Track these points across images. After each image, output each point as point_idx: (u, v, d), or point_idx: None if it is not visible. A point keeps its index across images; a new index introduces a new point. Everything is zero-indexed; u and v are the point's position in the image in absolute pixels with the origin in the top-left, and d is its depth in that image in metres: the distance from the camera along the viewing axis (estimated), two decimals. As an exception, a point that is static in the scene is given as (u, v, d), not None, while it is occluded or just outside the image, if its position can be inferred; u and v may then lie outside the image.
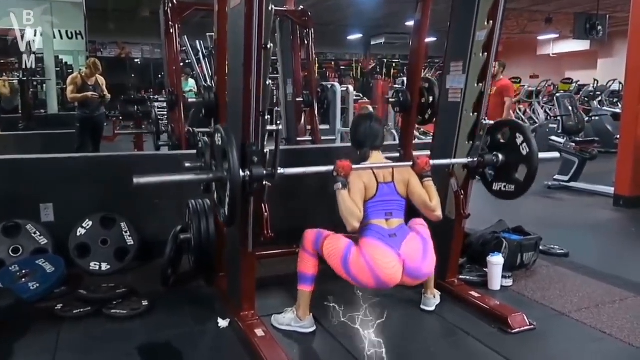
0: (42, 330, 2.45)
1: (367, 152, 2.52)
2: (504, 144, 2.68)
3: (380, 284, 2.33)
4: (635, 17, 5.13)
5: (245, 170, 2.10)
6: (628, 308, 2.78)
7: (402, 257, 2.32)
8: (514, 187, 2.65)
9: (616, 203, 5.22)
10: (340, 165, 2.32)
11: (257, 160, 2.14)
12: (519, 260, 3.22)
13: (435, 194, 2.48)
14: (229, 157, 2.00)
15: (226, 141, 2.04)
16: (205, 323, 2.54)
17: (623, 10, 12.04)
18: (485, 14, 2.61)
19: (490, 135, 2.72)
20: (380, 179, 2.42)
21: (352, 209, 2.28)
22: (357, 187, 2.35)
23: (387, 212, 2.39)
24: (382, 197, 2.40)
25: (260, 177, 2.13)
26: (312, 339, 2.44)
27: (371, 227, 2.37)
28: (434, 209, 2.46)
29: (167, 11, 4.45)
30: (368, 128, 2.54)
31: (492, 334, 2.49)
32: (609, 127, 8.46)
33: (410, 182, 2.47)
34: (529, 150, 2.55)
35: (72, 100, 6.16)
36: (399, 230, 2.38)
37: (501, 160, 2.66)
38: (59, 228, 3.20)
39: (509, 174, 2.66)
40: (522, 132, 2.60)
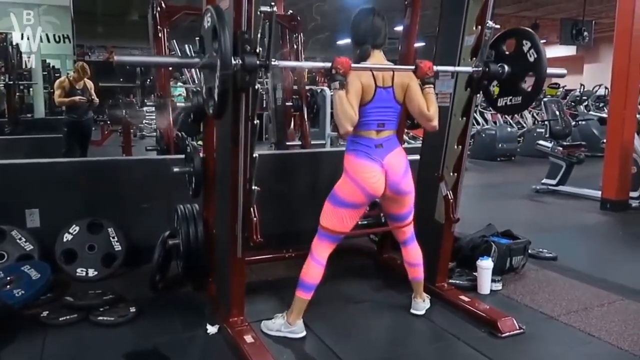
0: (27, 338, 2.41)
1: (367, 50, 2.38)
2: (509, 55, 2.54)
3: (369, 196, 2.39)
4: (620, 23, 5.19)
5: (237, 59, 1.93)
6: (616, 311, 2.80)
7: (384, 168, 2.36)
8: (520, 98, 2.53)
9: (603, 206, 5.28)
10: (339, 62, 2.18)
11: (249, 49, 1.97)
12: (508, 264, 3.23)
13: (434, 103, 2.40)
14: (220, 38, 1.83)
15: (217, 21, 1.87)
16: (194, 329, 2.52)
17: (608, 17, 12.23)
18: (474, 19, 2.63)
19: (494, 48, 2.57)
20: (379, 82, 2.32)
21: (347, 111, 2.22)
22: (355, 87, 2.25)
23: (380, 123, 2.36)
24: (379, 102, 2.32)
25: (253, 66, 1.96)
26: (303, 345, 2.43)
27: (359, 141, 2.37)
28: (431, 118, 2.38)
29: (155, 15, 4.42)
30: (370, 23, 2.39)
31: (482, 338, 2.49)
32: (595, 132, 8.56)
33: (410, 87, 2.38)
34: (536, 56, 2.41)
35: (59, 104, 6.11)
36: (386, 141, 2.38)
37: (507, 71, 2.51)
38: (45, 234, 3.16)
39: (515, 86, 2.53)
40: (529, 39, 2.45)
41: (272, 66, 2.03)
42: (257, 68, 1.99)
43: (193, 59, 2.10)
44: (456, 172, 2.80)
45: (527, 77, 2.51)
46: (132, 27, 14.34)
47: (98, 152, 6.77)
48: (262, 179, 2.24)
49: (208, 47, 1.99)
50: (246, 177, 2.21)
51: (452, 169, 2.81)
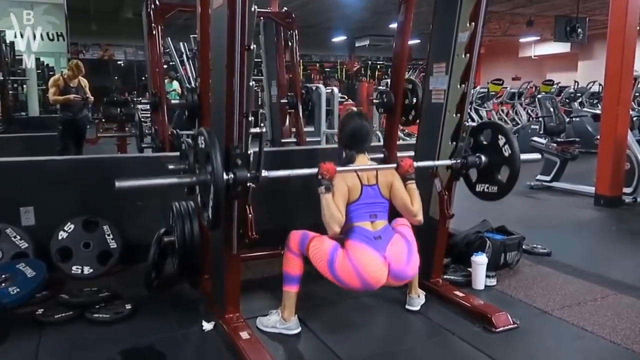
0: (22, 336, 2.41)
1: (353, 156, 2.52)
2: (487, 145, 2.71)
3: (366, 286, 2.34)
4: (613, 20, 5.21)
5: (229, 173, 2.09)
6: (609, 306, 2.81)
7: (387, 260, 2.33)
8: (496, 188, 2.68)
9: (597, 202, 5.30)
10: (325, 168, 2.31)
11: (240, 163, 2.13)
12: (502, 260, 3.25)
13: (417, 198, 2.50)
14: (212, 160, 1.98)
15: (209, 144, 2.03)
16: (189, 326, 2.52)
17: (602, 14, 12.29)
18: (467, 16, 2.63)
19: (472, 136, 2.74)
20: (364, 181, 2.43)
21: (334, 214, 2.29)
22: (341, 190, 2.35)
23: (372, 214, 2.41)
24: (367, 199, 2.41)
25: (244, 179, 2.12)
26: (298, 341, 2.44)
27: (356, 230, 2.37)
28: (415, 213, 2.48)
29: (149, 12, 4.40)
30: (357, 128, 2.53)
31: (477, 333, 2.50)
32: (589, 128, 8.58)
33: (393, 185, 2.49)
34: (510, 152, 2.58)
35: (54, 102, 6.08)
36: (383, 232, 2.39)
37: (484, 161, 2.70)
38: (40, 232, 3.15)
39: (491, 175, 2.69)
40: (503, 134, 2.63)
41: (262, 178, 2.15)
42: (248, 181, 2.13)
43: (191, 178, 2.23)
44: (450, 168, 2.80)
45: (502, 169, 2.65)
46: (126, 25, 14.28)
47: (93, 150, 6.73)
48: None
49: (202, 163, 2.12)
50: None
51: (446, 166, 2.80)
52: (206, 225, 2.19)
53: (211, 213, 2.05)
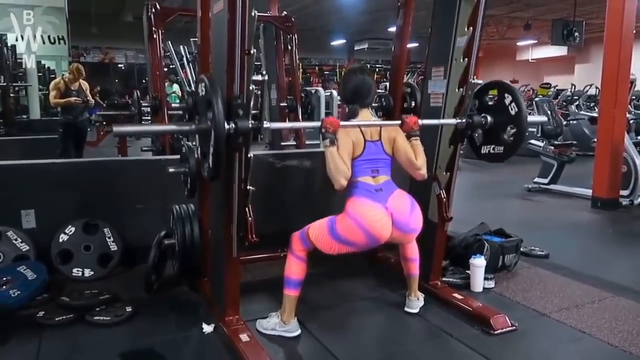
0: (23, 339, 2.41)
1: (356, 110, 2.51)
2: (492, 105, 2.64)
3: (372, 240, 2.34)
4: (610, 24, 5.23)
5: (230, 123, 2.01)
6: (606, 308, 2.82)
7: (389, 210, 2.34)
8: (502, 148, 2.61)
9: (594, 205, 5.31)
10: (328, 122, 2.29)
11: (242, 113, 2.05)
12: (500, 262, 3.25)
13: (421, 153, 2.48)
14: (214, 107, 1.91)
15: (211, 91, 1.95)
16: (189, 329, 2.52)
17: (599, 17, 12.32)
18: (465, 20, 2.64)
19: (478, 97, 2.67)
20: (367, 136, 2.43)
21: (340, 167, 2.28)
22: (345, 144, 2.35)
23: (374, 170, 2.42)
24: (369, 155, 2.41)
25: (245, 130, 2.03)
26: (297, 343, 2.43)
27: (358, 185, 2.39)
28: (419, 167, 2.46)
29: (150, 16, 4.42)
30: (359, 84, 2.51)
31: (475, 336, 2.50)
32: (586, 131, 8.60)
33: (396, 140, 2.48)
34: (517, 110, 2.51)
35: (55, 105, 6.09)
36: (385, 185, 2.41)
37: (489, 121, 2.61)
38: (41, 234, 3.15)
39: (497, 136, 2.61)
40: (510, 92, 2.55)
41: (264, 129, 2.10)
42: (250, 131, 2.06)
43: (190, 126, 2.16)
44: (449, 171, 2.81)
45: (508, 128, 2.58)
46: (127, 28, 14.30)
47: (93, 153, 6.74)
48: (257, 179, 2.25)
49: (202, 113, 2.05)
50: (241, 177, 2.22)
51: (445, 169, 2.82)
52: (206, 176, 2.10)
53: (211, 162, 1.99)
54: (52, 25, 9.05)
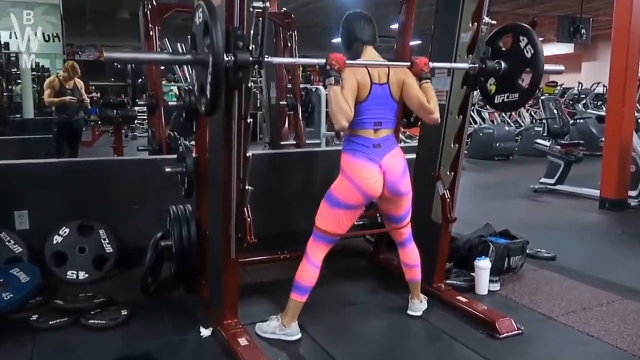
0: (16, 342, 2.38)
1: (359, 47, 2.40)
2: (506, 51, 2.52)
3: (366, 197, 2.37)
4: (618, 21, 5.19)
5: (229, 55, 1.92)
6: (615, 311, 2.79)
7: (382, 168, 2.35)
8: (517, 95, 2.51)
9: (602, 206, 5.27)
10: (334, 58, 2.17)
11: (242, 45, 1.96)
12: (506, 264, 3.22)
13: (433, 96, 2.39)
14: (212, 34, 1.81)
15: (209, 16, 1.84)
16: (187, 332, 2.50)
17: (606, 14, 12.29)
18: (470, 16, 2.61)
19: (490, 44, 2.54)
20: (374, 79, 2.32)
21: (342, 106, 2.19)
22: (350, 84, 2.25)
23: (377, 122, 2.35)
24: (375, 99, 2.32)
25: (245, 62, 1.94)
26: (298, 347, 2.41)
27: (357, 140, 2.35)
28: (432, 110, 2.37)
29: (146, 13, 4.40)
30: (358, 22, 2.43)
31: (480, 339, 2.48)
32: (593, 130, 8.59)
33: (406, 82, 2.37)
34: (533, 52, 2.39)
35: (49, 104, 6.08)
36: (384, 140, 2.37)
37: (504, 67, 2.49)
38: (34, 236, 3.13)
39: (512, 82, 2.51)
40: (525, 34, 2.43)
41: (265, 62, 2.00)
42: (250, 64, 1.97)
43: (184, 56, 2.08)
44: (453, 171, 2.78)
45: (524, 73, 2.49)
46: (123, 25, 14.28)
47: (88, 153, 6.72)
48: (255, 178, 2.22)
49: (199, 43, 1.96)
50: (239, 177, 2.19)
51: (449, 168, 2.79)
52: (203, 110, 2.02)
53: (209, 93, 1.90)
54: (52, 25, 9.03)
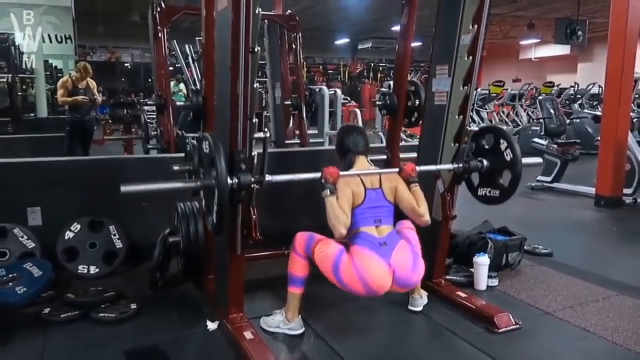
0: (28, 335, 2.42)
1: (352, 157, 2.53)
2: (488, 149, 2.71)
3: (370, 292, 2.33)
4: (614, 23, 5.21)
5: (233, 178, 2.10)
6: (611, 306, 2.81)
7: (392, 267, 2.32)
8: (498, 192, 2.69)
9: (597, 203, 5.30)
10: (328, 172, 2.32)
11: (244, 167, 2.14)
12: (504, 261, 3.24)
13: (422, 200, 2.50)
14: (217, 165, 1.99)
15: (214, 149, 2.03)
16: (193, 326, 2.53)
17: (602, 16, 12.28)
18: (470, 18, 2.64)
19: (474, 141, 2.75)
20: (367, 185, 2.43)
21: (339, 216, 2.28)
22: (345, 194, 2.35)
23: (376, 219, 2.40)
24: (371, 203, 2.40)
25: (248, 184, 2.14)
26: (301, 341, 2.44)
27: (361, 235, 2.36)
28: (422, 214, 2.47)
29: (155, 15, 4.42)
30: (351, 131, 2.60)
31: (479, 334, 2.50)
32: (589, 129, 8.58)
33: (397, 188, 2.49)
34: (512, 156, 2.59)
35: (62, 103, 6.12)
36: (388, 238, 2.38)
37: (486, 165, 2.70)
38: (47, 232, 3.16)
39: (493, 180, 2.70)
40: (505, 138, 2.64)
41: (266, 182, 2.17)
42: (252, 184, 2.15)
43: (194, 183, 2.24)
44: (452, 172, 2.80)
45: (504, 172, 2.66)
46: (133, 28, 14.35)
47: (100, 151, 6.78)
48: None
49: (206, 168, 2.12)
50: None
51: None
52: (211, 229, 2.21)
53: (215, 218, 2.07)
54: (53, 25, 9.08)
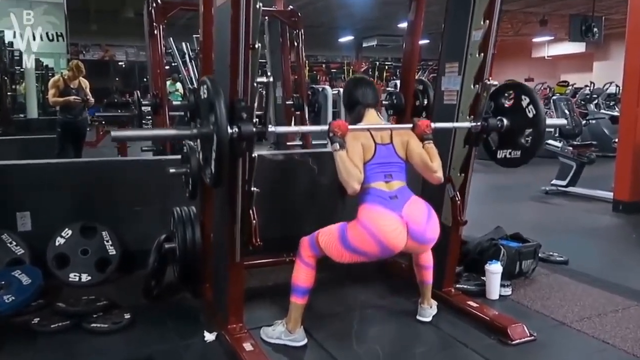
0: (17, 346, 2.37)
1: (361, 110, 2.44)
2: (509, 107, 2.57)
3: (386, 251, 2.25)
4: (632, 19, 5.13)
5: (234, 127, 1.97)
6: (631, 317, 2.74)
7: (404, 219, 2.25)
8: (520, 152, 2.55)
9: (615, 208, 5.21)
10: (336, 125, 2.22)
11: (246, 117, 2.02)
12: (517, 268, 3.19)
13: (436, 156, 2.40)
14: (216, 110, 1.87)
15: (213, 93, 1.90)
16: (190, 337, 2.48)
17: (619, 12, 12.20)
18: (481, 13, 2.58)
19: (493, 99, 2.61)
20: (377, 139, 2.34)
21: (351, 170, 2.21)
22: (355, 148, 2.28)
23: (387, 174, 2.33)
24: (381, 159, 2.33)
25: (249, 134, 2.00)
26: (304, 353, 2.39)
27: (370, 191, 2.29)
28: (435, 169, 2.37)
29: (151, 11, 4.39)
30: (357, 83, 2.49)
31: (491, 346, 2.44)
32: (605, 131, 8.57)
33: (409, 143, 2.39)
34: (535, 113, 2.44)
35: (53, 104, 6.07)
36: (400, 192, 2.32)
37: (506, 124, 2.55)
38: (37, 237, 3.12)
39: (514, 139, 2.55)
40: (527, 94, 2.49)
41: (269, 133, 2.06)
42: (254, 135, 2.01)
43: (191, 131, 2.12)
44: (463, 172, 2.75)
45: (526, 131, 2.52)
46: (128, 25, 14.31)
47: (93, 153, 6.73)
48: (261, 180, 2.21)
49: (205, 117, 2.00)
50: (245, 178, 2.17)
51: (459, 170, 2.76)
52: (208, 182, 2.07)
53: (214, 167, 1.94)
54: (52, 24, 9.04)
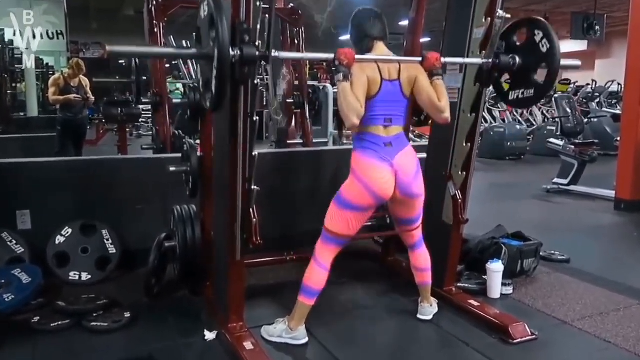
0: (17, 345, 2.37)
1: (369, 43, 2.35)
2: (521, 46, 2.48)
3: (377, 199, 2.31)
4: (634, 17, 5.11)
5: (235, 50, 1.87)
6: (632, 316, 2.73)
7: (394, 168, 2.29)
8: (533, 90, 2.46)
9: (617, 207, 5.19)
10: (343, 53, 2.13)
11: (248, 39, 1.91)
12: (519, 267, 3.17)
13: (444, 94, 2.34)
14: (218, 27, 1.75)
15: (215, 9, 1.78)
16: (191, 336, 2.48)
17: (621, 10, 12.13)
18: (483, 11, 2.56)
19: (504, 39, 2.50)
20: (385, 75, 2.27)
21: (353, 104, 2.15)
22: (360, 80, 2.20)
23: (387, 118, 2.30)
24: (385, 96, 2.27)
25: (251, 57, 1.91)
26: (305, 351, 2.39)
27: (367, 137, 2.29)
28: (443, 109, 2.32)
29: (151, 9, 4.37)
30: (367, 17, 2.38)
31: (492, 345, 2.44)
32: (607, 129, 8.54)
33: (417, 79, 2.33)
34: (549, 47, 2.33)
35: (54, 102, 6.05)
36: (395, 139, 2.32)
37: (518, 62, 2.44)
38: (37, 236, 3.12)
39: (527, 78, 2.47)
40: (541, 28, 2.37)
41: (272, 57, 1.96)
42: (257, 59, 1.93)
43: (190, 50, 2.04)
44: (465, 171, 2.73)
45: (539, 68, 2.43)
46: (128, 23, 14.24)
47: (93, 152, 6.73)
48: (262, 178, 2.20)
49: (205, 37, 1.92)
50: (245, 176, 2.16)
51: (461, 168, 2.74)
52: (208, 106, 1.97)
53: (214, 89, 1.85)
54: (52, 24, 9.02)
